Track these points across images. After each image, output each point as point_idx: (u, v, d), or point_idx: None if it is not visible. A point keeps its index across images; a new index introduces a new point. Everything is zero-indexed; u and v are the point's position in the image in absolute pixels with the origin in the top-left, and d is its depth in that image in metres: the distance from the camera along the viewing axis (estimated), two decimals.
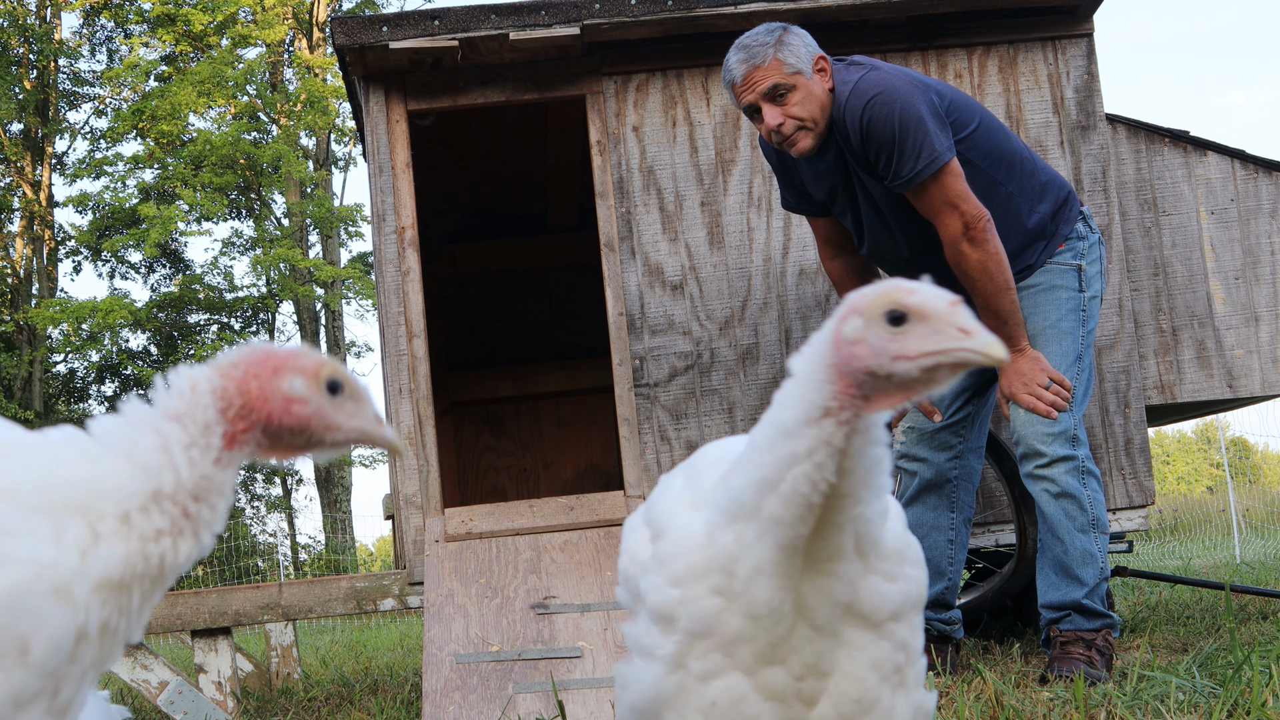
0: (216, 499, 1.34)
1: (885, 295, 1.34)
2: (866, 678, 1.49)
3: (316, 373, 1.41)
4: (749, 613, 1.45)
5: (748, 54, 3.43)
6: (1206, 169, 4.72)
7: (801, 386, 1.41)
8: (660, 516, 1.61)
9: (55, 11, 24.50)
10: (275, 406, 1.37)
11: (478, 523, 4.23)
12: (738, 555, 1.45)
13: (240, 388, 1.36)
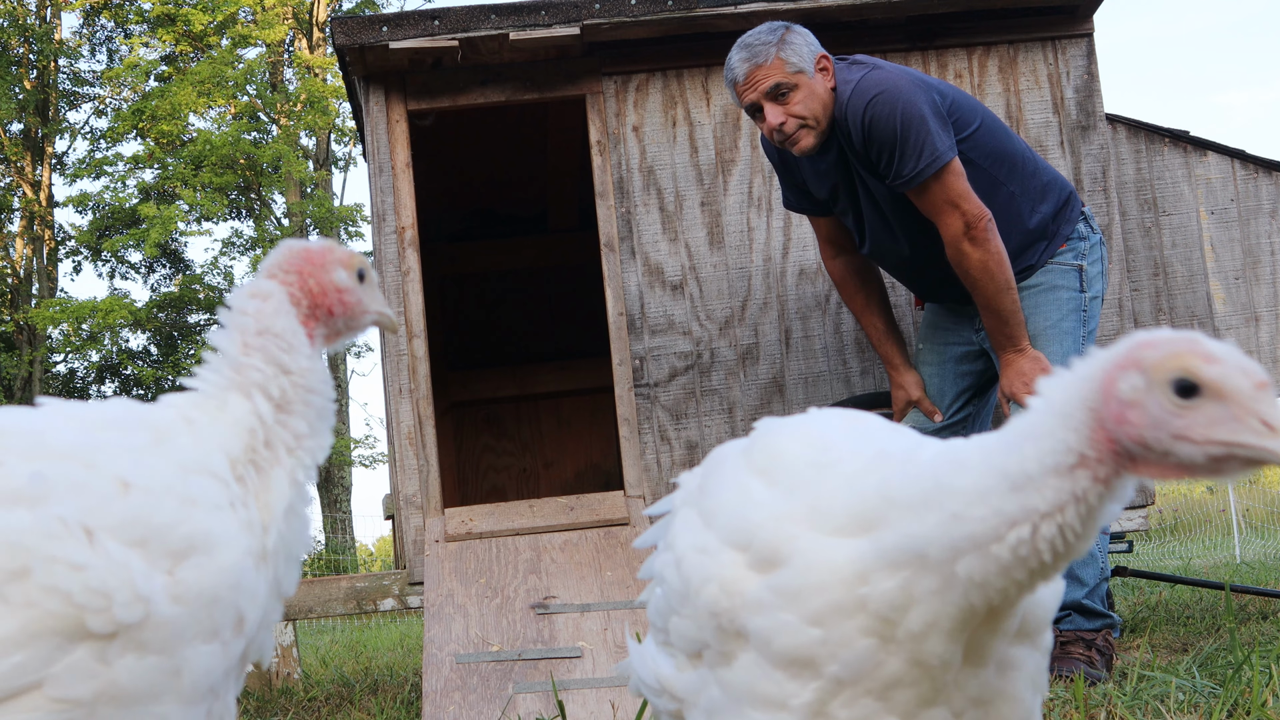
0: (323, 386, 1.56)
1: (1178, 358, 1.14)
2: (1024, 695, 1.35)
3: (350, 263, 1.62)
4: (915, 660, 1.27)
5: (750, 53, 3.43)
6: (1206, 169, 4.72)
7: (1049, 423, 1.18)
8: (767, 538, 1.35)
9: (55, 11, 24.49)
10: (332, 299, 1.59)
11: (478, 523, 4.23)
12: (905, 606, 1.25)
13: (304, 289, 1.57)
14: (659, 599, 1.56)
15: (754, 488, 1.41)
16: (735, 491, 1.43)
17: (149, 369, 24.13)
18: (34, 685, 1.24)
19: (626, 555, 4.07)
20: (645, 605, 1.80)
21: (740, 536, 1.37)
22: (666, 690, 1.50)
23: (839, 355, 4.46)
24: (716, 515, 1.43)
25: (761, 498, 1.39)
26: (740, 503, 1.41)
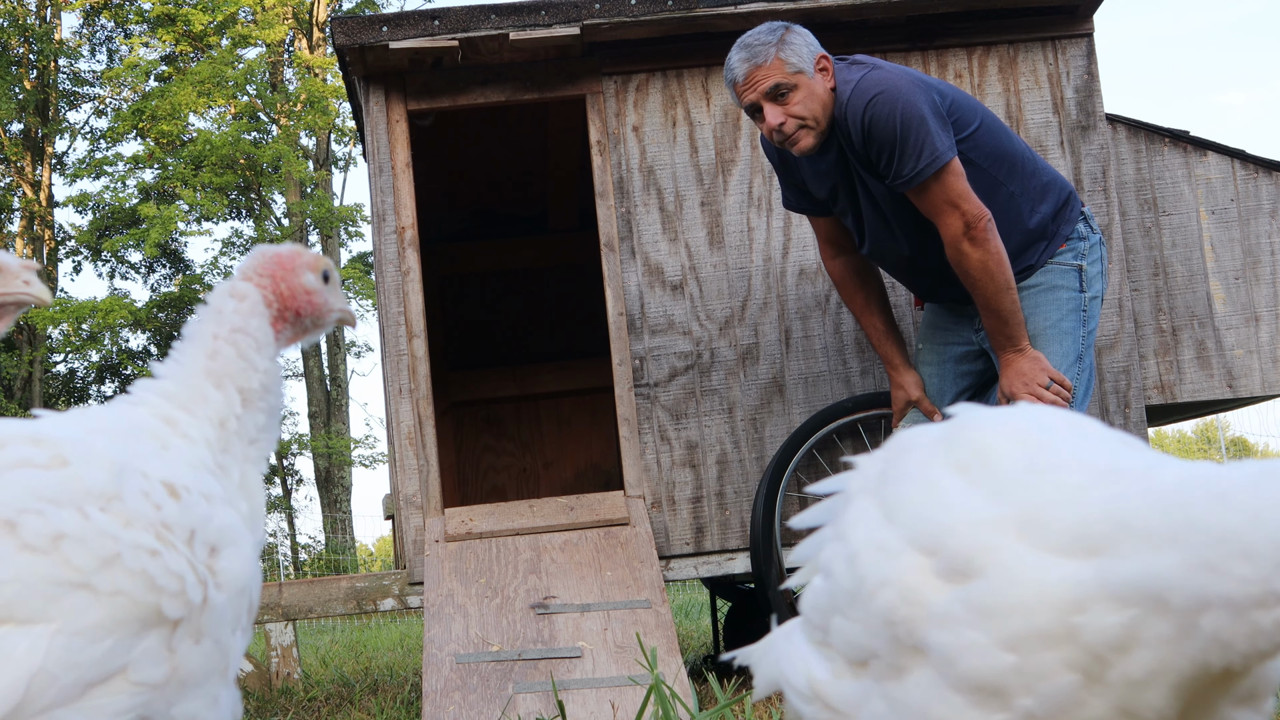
0: (279, 385, 1.70)
1: None
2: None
3: (316, 265, 1.76)
4: (1124, 708, 1.13)
5: (750, 53, 3.43)
6: (1206, 169, 4.72)
7: None
8: (962, 545, 1.20)
9: (55, 11, 24.50)
10: (301, 300, 1.73)
11: (478, 523, 4.23)
12: (1126, 647, 1.11)
13: (275, 291, 1.70)
14: (820, 593, 1.39)
15: (950, 485, 1.24)
16: (926, 487, 1.27)
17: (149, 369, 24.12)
18: (120, 669, 1.38)
19: (626, 555, 4.07)
20: (649, 606, 1.68)
21: (929, 539, 1.22)
22: (819, 697, 1.36)
23: (839, 355, 4.46)
24: (901, 511, 1.28)
25: (959, 498, 1.23)
26: (932, 500, 1.25)
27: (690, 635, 7.34)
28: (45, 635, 1.35)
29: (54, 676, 1.34)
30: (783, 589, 2.91)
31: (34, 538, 1.37)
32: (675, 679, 3.46)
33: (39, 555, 1.37)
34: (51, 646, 1.34)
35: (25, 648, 1.33)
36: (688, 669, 4.42)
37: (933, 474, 1.28)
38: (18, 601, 1.35)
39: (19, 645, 1.34)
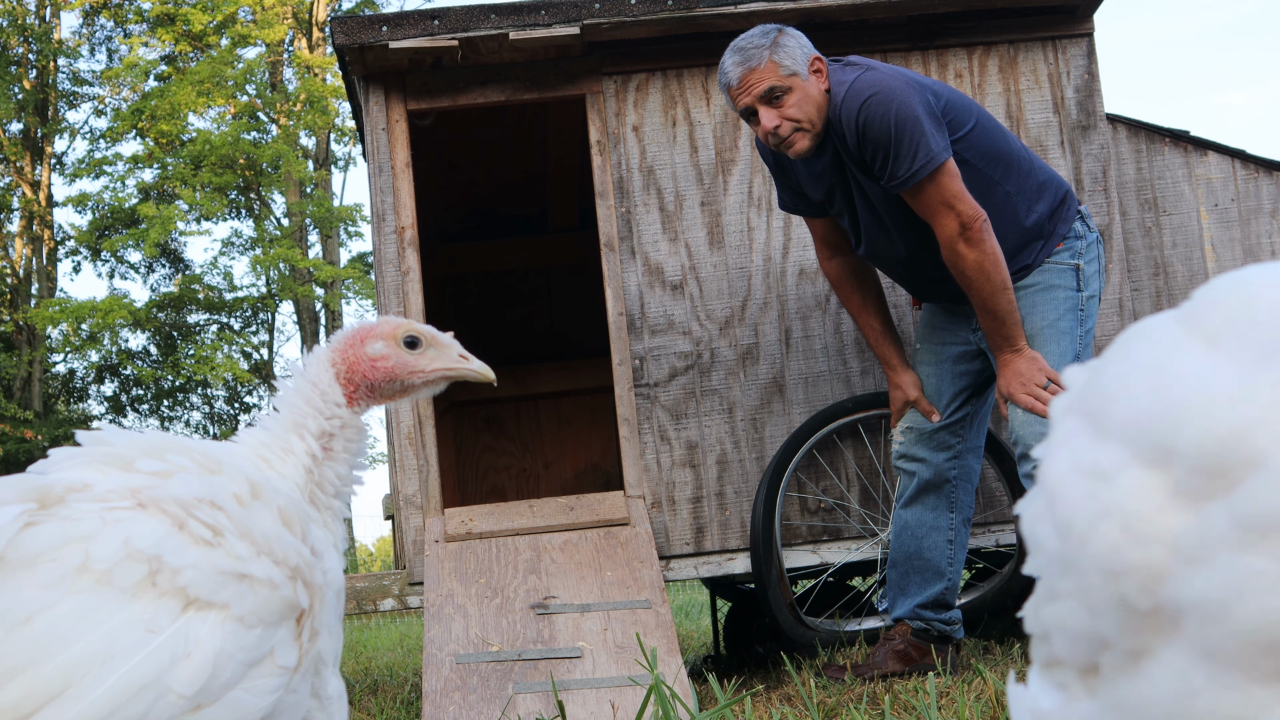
0: (353, 433, 1.95)
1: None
2: None
3: (394, 334, 2.06)
4: None
5: (743, 56, 3.43)
6: (1207, 169, 4.72)
7: None
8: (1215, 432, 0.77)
9: (55, 11, 24.49)
10: (365, 366, 2.01)
11: (478, 523, 4.23)
12: None
13: (343, 357, 2.02)
14: (1039, 594, 0.97)
15: (1187, 356, 0.84)
16: (1152, 369, 0.86)
17: (149, 369, 24.12)
18: (269, 653, 1.57)
19: (626, 555, 4.06)
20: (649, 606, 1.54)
21: (1159, 436, 0.81)
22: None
23: (839, 355, 4.46)
24: (1115, 408, 0.87)
25: (1200, 369, 0.82)
26: (1160, 382, 0.84)
27: (690, 635, 7.34)
28: (220, 619, 1.54)
29: (230, 655, 1.52)
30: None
31: (202, 530, 1.56)
32: (675, 679, 3.46)
33: (207, 547, 1.56)
34: (224, 630, 1.53)
35: (207, 630, 1.52)
36: (688, 669, 4.42)
37: (1162, 352, 0.87)
38: (195, 585, 1.52)
39: (202, 627, 1.52)
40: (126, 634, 1.47)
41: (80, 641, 1.44)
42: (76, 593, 1.47)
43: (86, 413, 25.35)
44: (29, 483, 1.55)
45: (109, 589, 1.49)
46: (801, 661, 4.08)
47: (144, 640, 1.47)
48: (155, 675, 1.46)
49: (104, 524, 1.52)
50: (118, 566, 1.50)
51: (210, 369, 22.15)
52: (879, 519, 4.33)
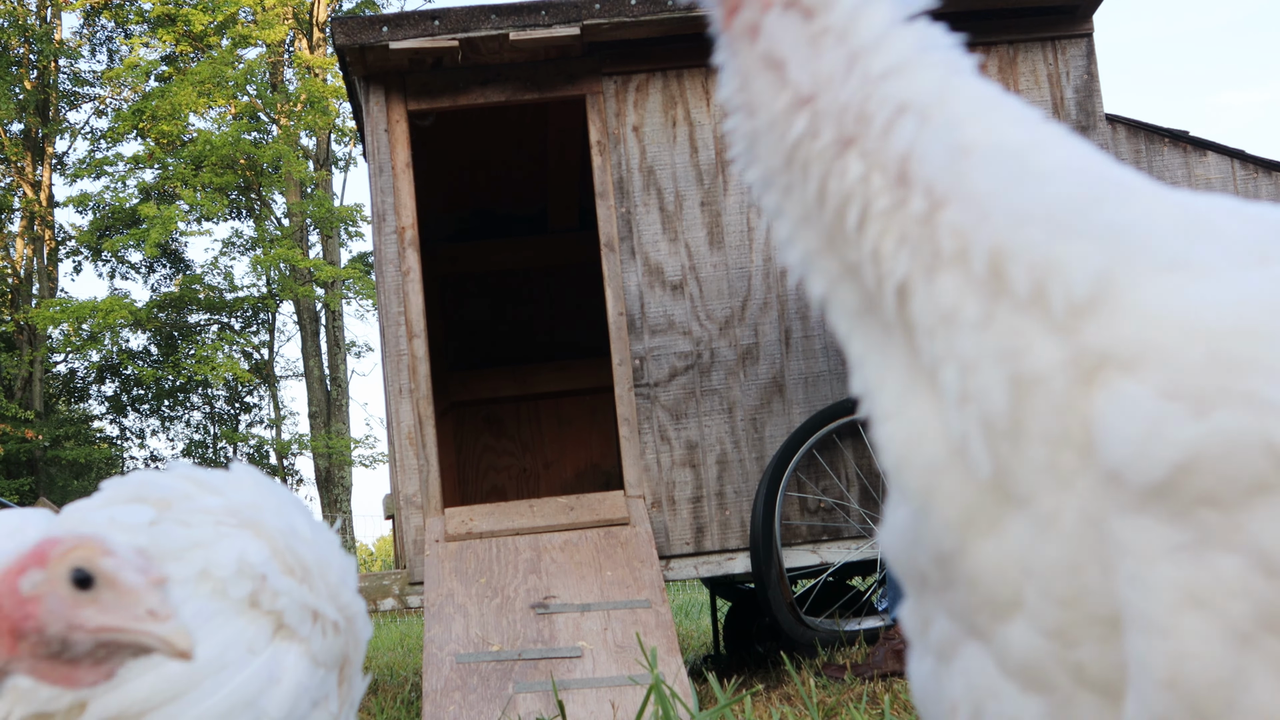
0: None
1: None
2: None
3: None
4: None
5: None
6: (1206, 169, 4.72)
7: None
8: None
9: (55, 11, 24.50)
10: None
11: (478, 522, 4.23)
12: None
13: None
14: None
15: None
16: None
17: (149, 369, 24.13)
18: (324, 697, 1.62)
19: (626, 555, 4.07)
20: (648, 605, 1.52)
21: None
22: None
23: (839, 355, 4.46)
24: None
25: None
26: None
27: (690, 635, 7.35)
28: (300, 653, 1.58)
29: (306, 690, 1.57)
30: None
31: (292, 560, 1.61)
32: (675, 679, 3.47)
33: (294, 578, 1.60)
34: (302, 664, 1.57)
35: (291, 660, 1.57)
36: (688, 669, 4.42)
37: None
38: (288, 612, 1.57)
39: (288, 657, 1.57)
40: (234, 648, 1.52)
41: (200, 646, 1.41)
42: (199, 596, 1.53)
43: (87, 413, 25.37)
44: (140, 487, 1.61)
45: (223, 599, 1.55)
46: (801, 661, 4.08)
47: (247, 659, 1.53)
48: (255, 695, 1.51)
49: (219, 535, 1.58)
50: (231, 579, 1.55)
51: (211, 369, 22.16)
52: (879, 519, 4.34)
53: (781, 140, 0.95)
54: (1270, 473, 0.74)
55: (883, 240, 0.88)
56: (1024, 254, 0.81)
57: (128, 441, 25.51)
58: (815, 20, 0.93)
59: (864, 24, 0.92)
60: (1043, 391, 0.80)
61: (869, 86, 0.90)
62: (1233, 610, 0.77)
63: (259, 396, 25.81)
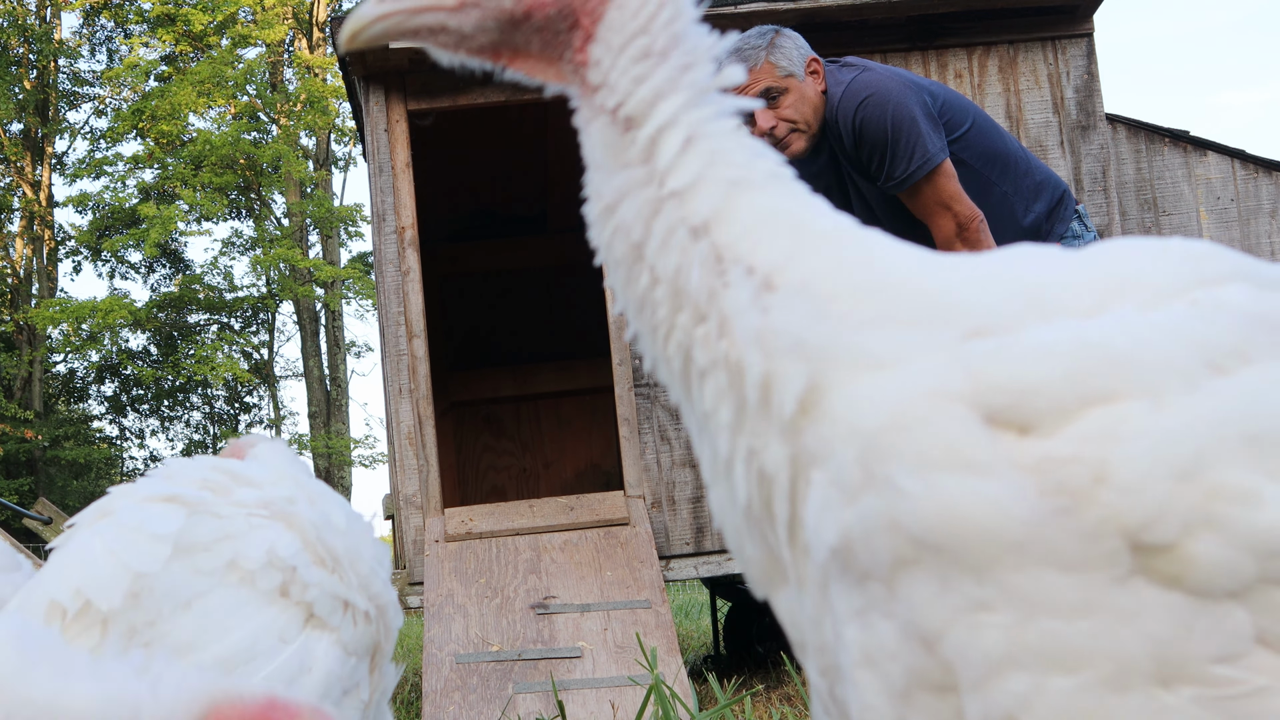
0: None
1: None
2: None
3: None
4: None
5: (739, 57, 3.42)
6: (1206, 169, 4.72)
7: None
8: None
9: (55, 11, 24.50)
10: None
11: (478, 523, 4.23)
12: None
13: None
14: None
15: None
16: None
17: (149, 369, 24.13)
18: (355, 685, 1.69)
19: (626, 555, 4.07)
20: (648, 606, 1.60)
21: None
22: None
23: None
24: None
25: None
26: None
27: (690, 635, 7.34)
28: (331, 642, 1.64)
29: (337, 678, 1.62)
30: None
31: (323, 552, 1.67)
32: (675, 679, 3.46)
33: (325, 569, 1.66)
34: (333, 653, 1.63)
35: (322, 650, 1.62)
36: (688, 669, 4.42)
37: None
38: (319, 603, 1.62)
39: (318, 646, 1.62)
40: (265, 637, 1.58)
41: (230, 635, 1.56)
42: (226, 585, 1.60)
43: (87, 413, 25.37)
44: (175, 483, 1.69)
45: (252, 589, 1.61)
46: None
47: (278, 648, 1.59)
48: (286, 684, 1.56)
49: (250, 527, 1.65)
50: (260, 570, 1.61)
51: (210, 369, 22.16)
52: None
53: (602, 234, 1.14)
54: (906, 549, 0.88)
55: (668, 344, 1.05)
56: (752, 370, 0.98)
57: (127, 441, 25.52)
58: (629, 134, 1.10)
59: (665, 146, 1.08)
60: (776, 484, 0.98)
61: (658, 204, 1.07)
62: (892, 670, 0.92)
63: (259, 396, 25.82)
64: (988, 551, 0.87)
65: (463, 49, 1.14)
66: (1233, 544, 0.85)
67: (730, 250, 1.03)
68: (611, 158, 1.13)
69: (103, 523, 1.64)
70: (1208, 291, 0.95)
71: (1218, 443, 0.87)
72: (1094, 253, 1.02)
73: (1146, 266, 0.98)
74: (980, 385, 0.90)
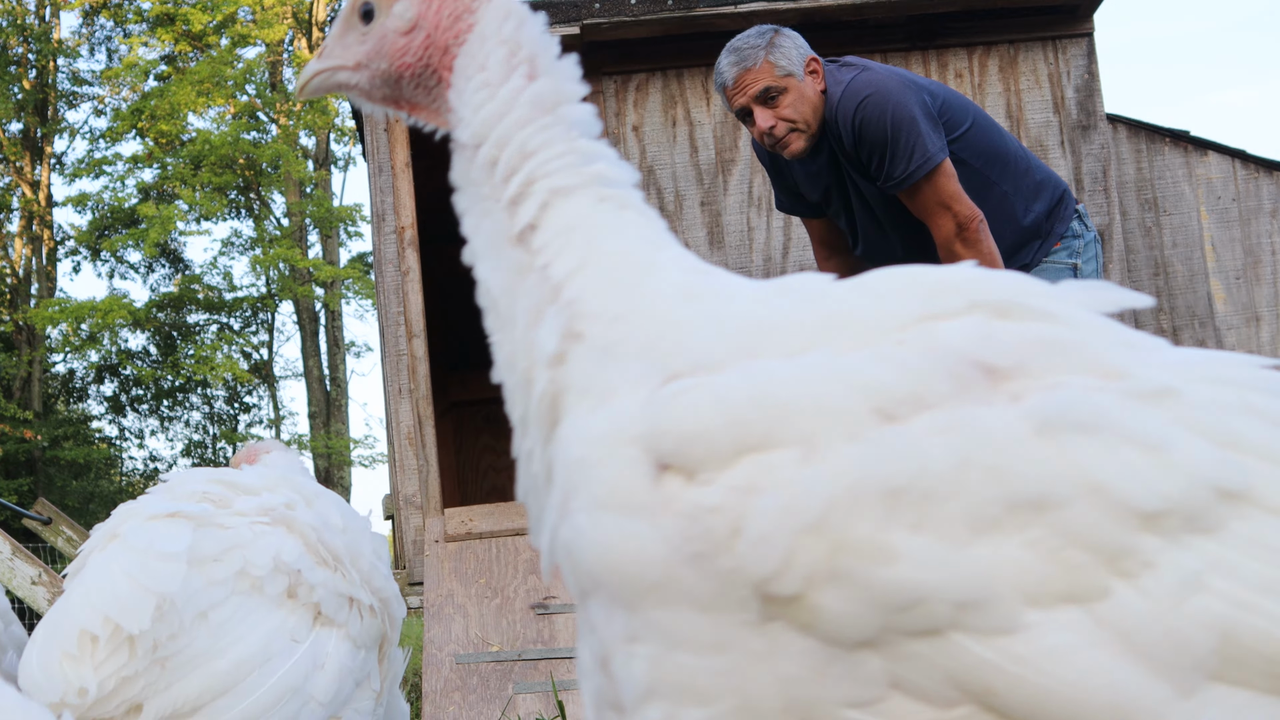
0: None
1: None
2: None
3: None
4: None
5: (739, 56, 3.42)
6: (1207, 169, 4.72)
7: None
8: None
9: (54, 11, 24.49)
10: None
11: (477, 523, 4.23)
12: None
13: None
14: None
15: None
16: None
17: (148, 369, 24.12)
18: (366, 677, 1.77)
19: None
20: None
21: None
22: None
23: None
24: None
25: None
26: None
27: None
28: (340, 637, 1.74)
29: (349, 671, 1.72)
30: None
31: (324, 553, 1.77)
32: None
33: (328, 569, 1.75)
34: (343, 648, 1.73)
35: (333, 646, 1.72)
36: None
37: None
38: (325, 602, 1.72)
39: (329, 643, 1.73)
40: (278, 639, 1.68)
41: (246, 640, 1.66)
42: (238, 593, 1.70)
43: (86, 413, 25.36)
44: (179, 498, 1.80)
45: (260, 595, 1.71)
46: None
47: (291, 648, 1.69)
48: (301, 681, 1.66)
49: (255, 535, 1.74)
50: (268, 576, 1.71)
51: (210, 369, 22.15)
52: None
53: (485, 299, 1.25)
54: (585, 580, 0.97)
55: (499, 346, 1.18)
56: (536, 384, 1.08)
57: (127, 442, 25.51)
58: (474, 158, 1.21)
59: (501, 164, 1.19)
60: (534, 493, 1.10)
61: (491, 214, 1.20)
62: (588, 687, 1.03)
63: (258, 396, 25.81)
64: (636, 588, 0.92)
65: (373, 100, 1.30)
66: (858, 597, 0.87)
67: (540, 253, 1.13)
68: (463, 178, 1.22)
69: (113, 546, 1.72)
70: (924, 329, 0.97)
71: (852, 496, 0.88)
72: (843, 286, 1.07)
73: (870, 303, 1.01)
74: (655, 429, 0.94)
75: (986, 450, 0.88)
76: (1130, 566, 0.86)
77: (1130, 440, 0.89)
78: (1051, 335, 0.95)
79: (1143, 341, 0.98)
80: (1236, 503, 0.89)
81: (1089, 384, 0.92)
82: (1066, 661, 0.85)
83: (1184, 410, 0.91)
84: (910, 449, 0.89)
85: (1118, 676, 0.84)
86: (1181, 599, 0.86)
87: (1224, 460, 0.89)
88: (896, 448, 0.89)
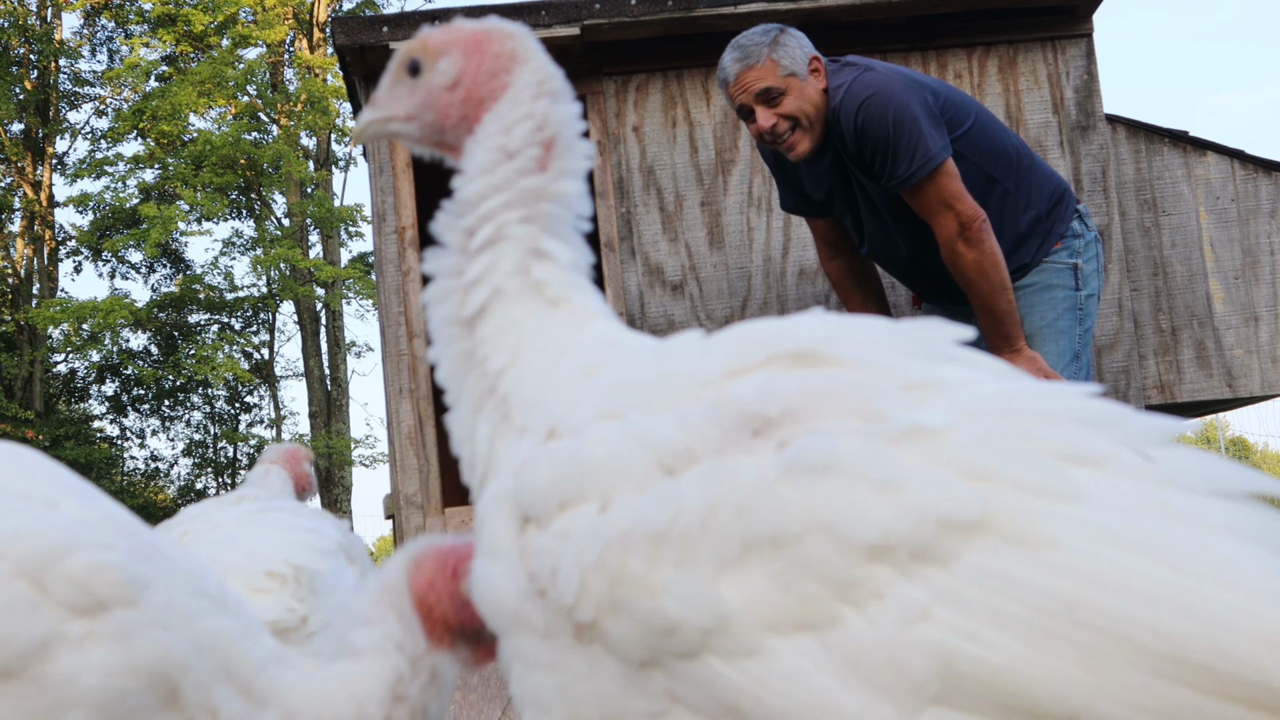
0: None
1: None
2: None
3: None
4: None
5: (742, 54, 3.43)
6: (1206, 169, 4.72)
7: None
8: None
9: (55, 12, 24.50)
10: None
11: None
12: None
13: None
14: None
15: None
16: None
17: (149, 369, 24.13)
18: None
19: None
20: None
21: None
22: None
23: None
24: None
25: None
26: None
27: None
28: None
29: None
30: None
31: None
32: None
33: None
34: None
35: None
36: None
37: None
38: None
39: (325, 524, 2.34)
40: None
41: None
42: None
43: (87, 413, 25.38)
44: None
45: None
46: None
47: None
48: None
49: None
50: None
51: (211, 369, 22.15)
52: None
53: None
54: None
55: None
56: (477, 442, 1.29)
57: (128, 441, 25.52)
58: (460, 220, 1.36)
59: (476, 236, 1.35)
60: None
61: (453, 291, 1.35)
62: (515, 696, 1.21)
63: (259, 396, 25.82)
64: (504, 619, 1.14)
65: (422, 145, 1.44)
66: (632, 624, 1.04)
67: (483, 344, 1.31)
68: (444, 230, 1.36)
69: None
70: (720, 385, 1.12)
71: (628, 540, 1.05)
72: (697, 344, 1.27)
73: (696, 362, 1.19)
74: (518, 488, 1.15)
75: (735, 494, 1.02)
76: (860, 596, 0.97)
77: (863, 479, 0.99)
78: (828, 382, 1.07)
79: (940, 379, 1.07)
80: (971, 534, 0.96)
81: (847, 427, 1.03)
82: (800, 684, 0.98)
83: (936, 447, 1.00)
84: (675, 497, 1.04)
85: (842, 698, 0.96)
86: (905, 627, 0.96)
87: (960, 494, 0.97)
88: (665, 496, 1.05)
